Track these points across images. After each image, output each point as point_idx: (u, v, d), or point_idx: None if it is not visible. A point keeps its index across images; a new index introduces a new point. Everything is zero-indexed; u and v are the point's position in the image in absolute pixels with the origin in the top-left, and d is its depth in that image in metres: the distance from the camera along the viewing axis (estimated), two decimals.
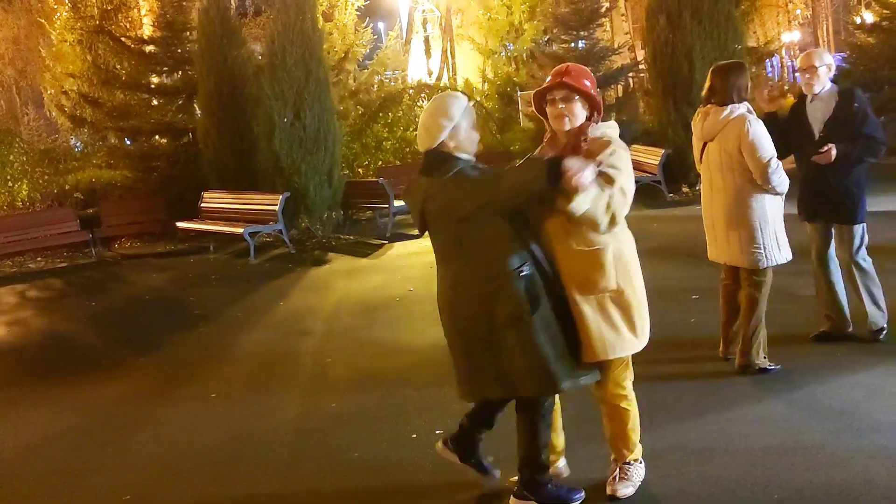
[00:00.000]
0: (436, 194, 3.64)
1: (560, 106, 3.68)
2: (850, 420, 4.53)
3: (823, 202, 5.51)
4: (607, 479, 3.91)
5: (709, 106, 5.24)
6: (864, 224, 5.55)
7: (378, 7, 26.15)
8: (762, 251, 5.12)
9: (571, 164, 3.36)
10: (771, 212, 5.12)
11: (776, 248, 5.14)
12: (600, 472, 4.01)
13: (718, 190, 5.25)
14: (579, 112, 3.69)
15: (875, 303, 5.60)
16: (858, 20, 22.79)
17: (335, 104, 14.97)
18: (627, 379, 3.91)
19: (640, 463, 3.99)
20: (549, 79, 3.76)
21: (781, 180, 5.04)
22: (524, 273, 3.55)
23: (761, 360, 5.28)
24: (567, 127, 3.68)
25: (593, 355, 3.68)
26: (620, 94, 20.18)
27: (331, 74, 16.30)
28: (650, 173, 14.20)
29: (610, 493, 3.86)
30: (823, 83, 5.46)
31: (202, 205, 14.24)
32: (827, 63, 5.50)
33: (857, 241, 5.52)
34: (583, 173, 3.35)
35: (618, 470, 3.92)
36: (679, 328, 6.51)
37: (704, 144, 5.29)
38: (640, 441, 3.99)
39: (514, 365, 3.60)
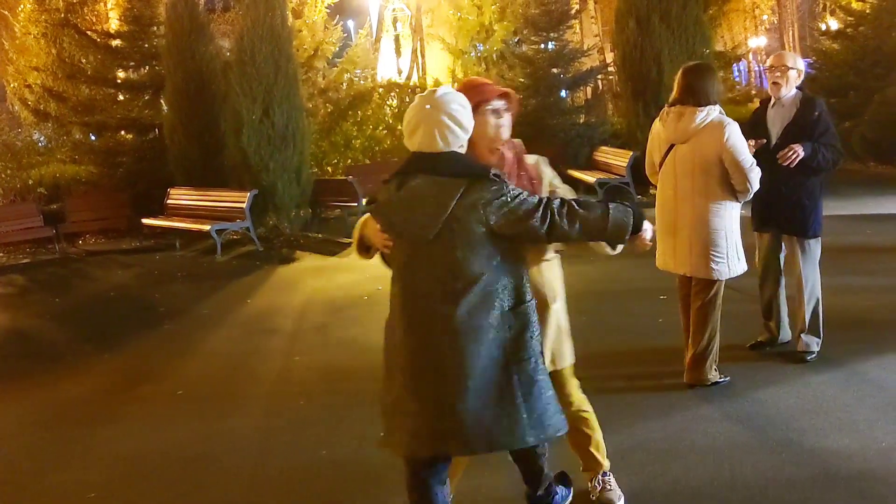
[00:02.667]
0: None
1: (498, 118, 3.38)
2: (813, 420, 4.59)
3: (775, 212, 5.38)
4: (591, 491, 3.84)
5: (680, 107, 4.94)
6: (819, 238, 5.44)
7: (348, 5, 26.05)
8: (725, 261, 4.93)
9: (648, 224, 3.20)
10: (732, 222, 4.97)
11: (736, 259, 4.98)
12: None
13: (685, 196, 4.97)
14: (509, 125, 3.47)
15: (815, 325, 5.46)
16: (824, 27, 23.13)
17: (304, 101, 14.90)
18: (573, 386, 3.68)
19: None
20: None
21: (756, 185, 4.90)
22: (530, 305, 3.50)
23: (713, 374, 5.14)
24: (502, 137, 3.40)
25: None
26: (589, 96, 20.29)
27: (300, 72, 16.22)
28: (619, 175, 14.29)
29: None
30: (791, 87, 5.37)
31: (168, 201, 14.09)
32: (798, 67, 5.40)
33: (809, 256, 5.41)
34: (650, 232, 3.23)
35: (600, 480, 3.82)
36: (646, 328, 6.56)
37: (670, 147, 5.04)
38: (607, 440, 4.00)
39: (491, 414, 3.59)
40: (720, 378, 5.17)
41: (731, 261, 4.95)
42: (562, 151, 16.20)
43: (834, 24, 21.16)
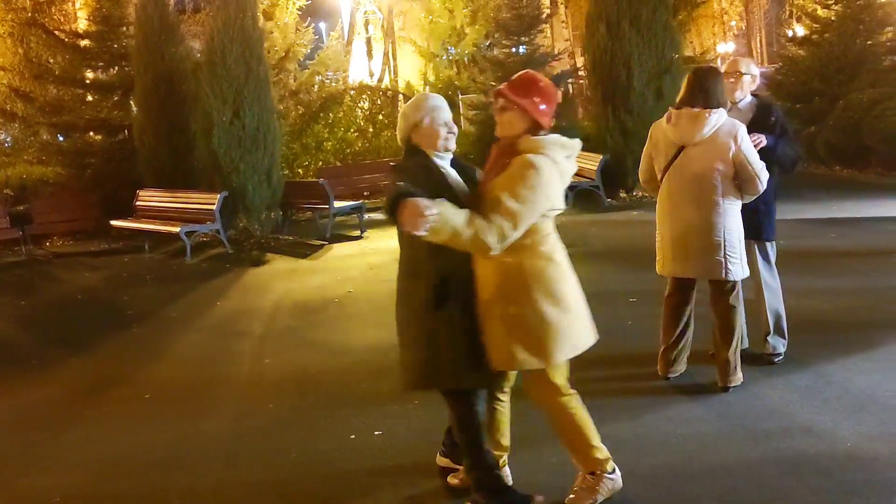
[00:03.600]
0: None
1: (497, 115, 3.68)
2: (780, 421, 4.66)
3: None
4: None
5: (689, 109, 4.89)
6: (774, 241, 5.51)
7: (320, 7, 26.00)
8: (739, 261, 4.98)
9: (410, 207, 3.21)
10: (740, 225, 5.02)
11: (743, 262, 5.03)
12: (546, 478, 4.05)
13: (691, 200, 4.95)
14: (510, 122, 3.63)
15: (778, 326, 5.55)
16: (790, 33, 23.39)
17: (275, 103, 14.85)
18: (550, 380, 3.76)
19: (610, 474, 3.87)
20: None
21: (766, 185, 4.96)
22: (437, 273, 3.61)
23: (739, 377, 5.17)
24: (497, 134, 3.69)
25: (492, 363, 3.67)
26: (560, 100, 20.37)
27: (271, 73, 16.15)
28: (588, 178, 14.37)
29: None
30: (745, 92, 5.40)
31: (137, 203, 13.98)
32: (752, 72, 5.41)
33: (766, 259, 5.48)
34: (414, 221, 3.20)
35: (579, 479, 3.88)
36: (615, 331, 6.60)
37: (678, 150, 5.00)
38: None
39: (408, 357, 3.74)
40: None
41: (744, 261, 5.02)
42: None
43: (800, 31, 21.42)
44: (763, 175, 4.87)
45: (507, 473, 4.01)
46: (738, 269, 4.99)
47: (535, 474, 4.17)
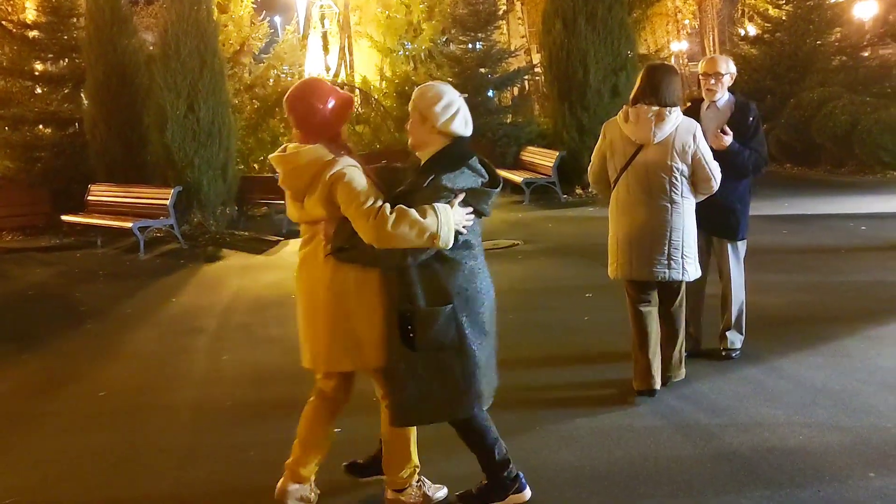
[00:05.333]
0: None
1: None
2: (734, 415, 4.73)
3: (708, 215, 5.27)
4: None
5: (646, 107, 4.82)
6: (745, 240, 5.61)
7: (276, 1, 25.74)
8: (694, 262, 4.99)
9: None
10: (693, 225, 5.00)
11: (694, 262, 5.01)
12: None
13: (648, 200, 4.89)
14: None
15: (739, 322, 5.65)
16: (742, 32, 23.72)
17: (230, 97, 14.70)
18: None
19: (417, 483, 3.90)
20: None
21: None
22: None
23: (682, 373, 5.24)
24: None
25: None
26: (517, 96, 20.47)
27: (226, 67, 15.97)
28: (545, 175, 14.46)
29: None
30: (724, 91, 5.43)
31: (89, 198, 13.73)
32: (731, 72, 5.45)
33: (738, 257, 5.57)
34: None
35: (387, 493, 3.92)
36: (572, 327, 6.66)
37: (637, 149, 4.92)
38: (536, 437, 4.05)
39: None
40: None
41: (691, 263, 4.98)
42: (489, 151, 16.34)
43: (752, 30, 21.74)
44: (717, 174, 4.88)
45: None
46: (693, 269, 5.01)
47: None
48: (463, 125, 3.57)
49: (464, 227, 3.47)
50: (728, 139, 5.23)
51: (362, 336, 3.59)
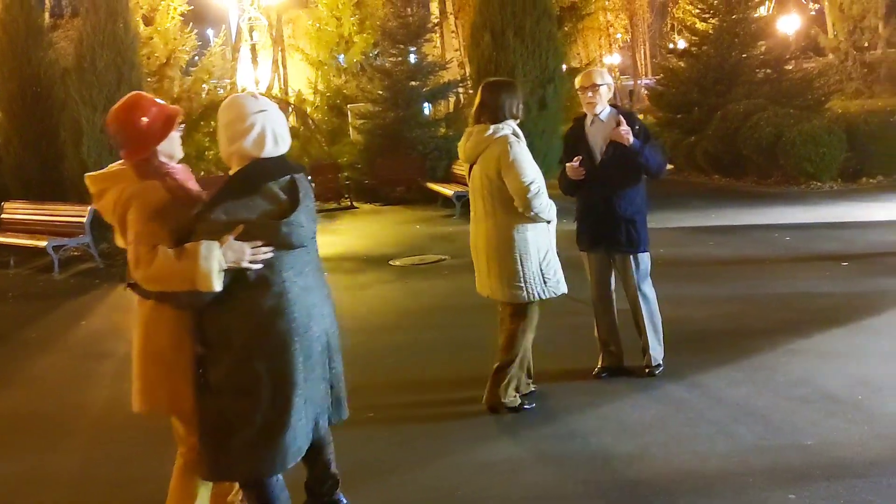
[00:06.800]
0: None
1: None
2: (657, 435, 4.59)
3: (606, 230, 5.26)
4: None
5: (479, 125, 4.85)
6: (649, 252, 5.43)
7: (207, 14, 25.30)
8: (523, 285, 4.79)
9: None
10: (535, 244, 4.82)
11: (540, 283, 4.82)
12: None
13: (480, 218, 4.92)
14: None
15: (657, 337, 5.45)
16: (672, 46, 24.06)
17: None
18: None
19: None
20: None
21: (544, 206, 4.74)
22: None
23: (511, 398, 5.00)
24: None
25: None
26: (451, 109, 20.37)
27: (151, 81, 15.56)
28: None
29: None
30: (604, 102, 5.27)
31: (2, 216, 13.14)
32: (608, 82, 5.31)
33: (642, 270, 5.36)
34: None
35: None
36: (450, 342, 6.51)
37: (471, 167, 4.94)
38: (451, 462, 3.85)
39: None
40: (525, 404, 5.06)
41: (533, 285, 4.81)
42: (420, 164, 16.19)
43: (682, 44, 22.05)
44: (536, 200, 4.67)
45: None
46: (521, 293, 4.82)
47: None
48: (259, 146, 3.15)
49: (254, 263, 3.06)
50: (627, 130, 5.05)
51: (170, 378, 3.21)
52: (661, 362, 5.49)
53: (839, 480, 3.90)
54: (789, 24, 26.43)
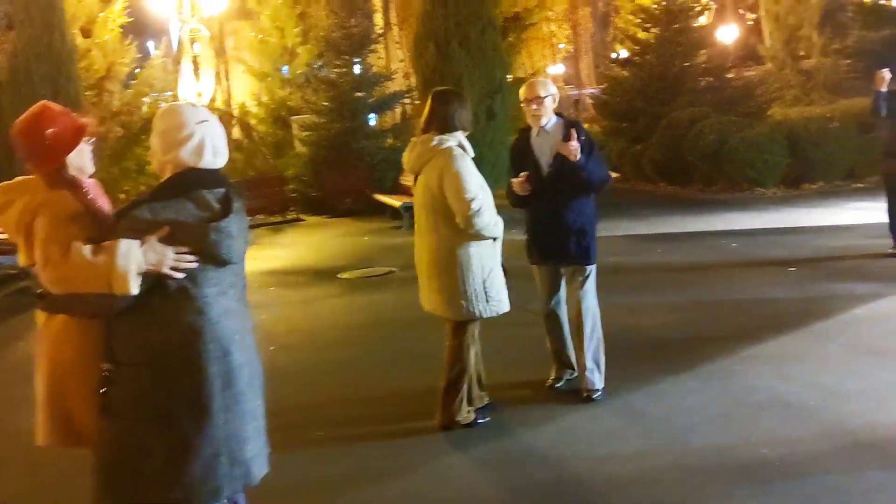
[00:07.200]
0: None
1: None
2: (613, 448, 4.53)
3: (556, 243, 5.15)
4: None
5: (425, 135, 4.75)
6: (595, 265, 5.28)
7: (147, 25, 24.86)
8: (464, 303, 4.68)
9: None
10: (479, 260, 4.68)
11: (483, 300, 4.69)
12: None
13: (424, 232, 4.81)
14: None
15: (597, 360, 5.21)
16: (615, 55, 24.29)
17: (94, 125, 13.93)
18: None
19: None
20: None
21: (486, 224, 4.59)
22: None
23: (464, 415, 4.89)
24: None
25: None
26: (398, 120, 20.29)
27: (90, 94, 15.20)
28: None
29: None
30: (549, 114, 5.16)
31: None
32: (552, 93, 5.17)
33: (589, 283, 5.22)
34: None
35: None
36: (400, 356, 6.39)
37: (416, 178, 4.83)
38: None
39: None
40: (479, 418, 4.95)
41: (474, 302, 4.69)
42: (368, 175, 16.06)
43: (624, 53, 22.26)
44: (474, 209, 4.52)
45: None
46: (461, 310, 4.71)
47: None
48: (198, 156, 2.93)
49: (175, 270, 2.79)
50: (576, 147, 4.91)
51: (80, 406, 2.96)
52: (599, 388, 5.20)
53: (794, 482, 3.92)
54: (728, 34, 26.89)
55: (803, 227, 10.77)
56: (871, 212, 10.40)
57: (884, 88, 8.36)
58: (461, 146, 4.72)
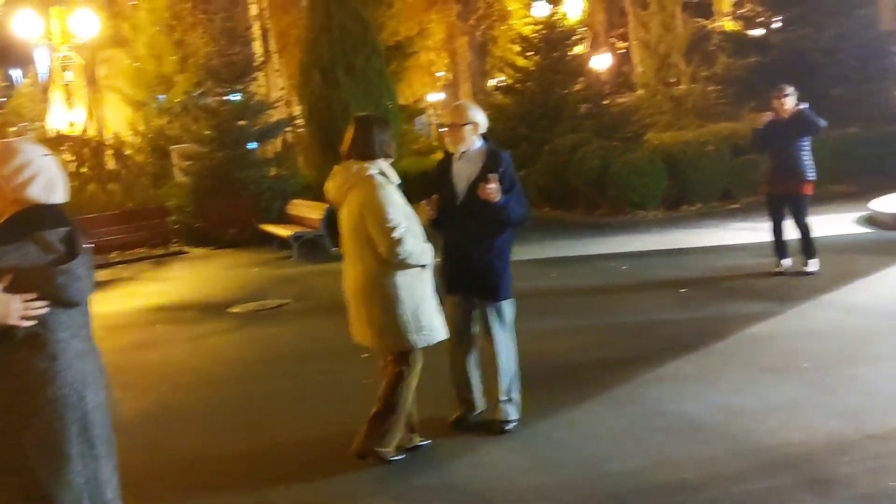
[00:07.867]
0: None
1: None
2: (530, 480, 4.48)
3: (465, 275, 5.03)
4: None
5: (347, 162, 4.69)
6: (511, 300, 5.18)
7: (11, 52, 23.76)
8: (395, 333, 4.57)
9: None
10: (408, 289, 4.57)
11: (414, 330, 4.58)
12: None
13: (349, 262, 4.69)
14: None
15: (510, 392, 5.13)
16: (495, 81, 24.66)
17: None
18: None
19: None
20: None
21: (411, 252, 4.48)
22: None
23: (385, 450, 4.71)
24: None
25: None
26: (280, 149, 19.94)
27: None
28: (313, 228, 13.98)
29: None
30: (470, 141, 4.99)
31: None
32: (473, 121, 5.00)
33: (501, 320, 5.10)
34: None
35: None
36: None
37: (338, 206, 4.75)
38: None
39: None
40: (394, 456, 4.76)
41: (407, 332, 4.58)
42: (253, 205, 15.69)
43: (502, 79, 22.59)
44: (395, 237, 4.42)
45: None
46: (409, 337, 4.59)
47: None
48: (40, 191, 2.85)
49: (25, 319, 2.68)
50: (494, 188, 4.76)
51: None
52: (513, 419, 5.12)
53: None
54: (601, 62, 27.72)
55: (688, 248, 11.02)
56: (752, 232, 10.78)
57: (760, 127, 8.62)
58: (383, 173, 4.61)
